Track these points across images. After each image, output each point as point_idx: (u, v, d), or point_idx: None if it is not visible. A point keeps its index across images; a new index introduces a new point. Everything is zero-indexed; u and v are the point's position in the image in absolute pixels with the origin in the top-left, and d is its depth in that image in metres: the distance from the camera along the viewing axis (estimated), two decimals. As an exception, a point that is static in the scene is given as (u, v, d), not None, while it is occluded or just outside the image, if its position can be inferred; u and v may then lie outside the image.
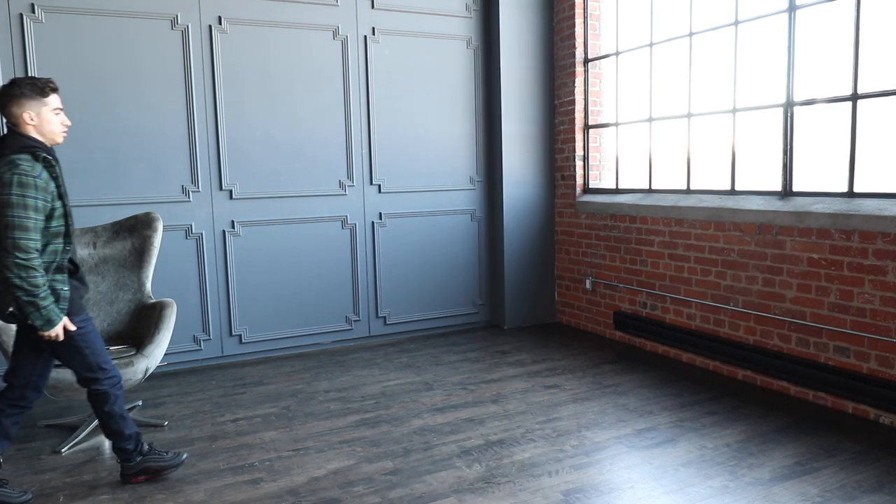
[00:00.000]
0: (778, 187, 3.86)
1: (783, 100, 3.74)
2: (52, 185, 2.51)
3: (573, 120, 5.25)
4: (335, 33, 4.77)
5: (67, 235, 2.57)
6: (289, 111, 4.67)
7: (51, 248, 2.52)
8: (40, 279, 2.44)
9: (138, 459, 2.81)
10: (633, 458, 2.98)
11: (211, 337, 4.58)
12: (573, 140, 5.27)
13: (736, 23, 3.98)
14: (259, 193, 4.63)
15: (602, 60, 5.13)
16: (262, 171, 4.63)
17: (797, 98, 3.70)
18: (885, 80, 3.35)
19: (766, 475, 2.78)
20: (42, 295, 2.45)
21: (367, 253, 5.03)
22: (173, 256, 4.38)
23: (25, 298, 2.43)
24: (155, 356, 3.36)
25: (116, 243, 3.73)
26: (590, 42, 5.17)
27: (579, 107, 5.24)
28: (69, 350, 2.64)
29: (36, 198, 2.42)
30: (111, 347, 3.40)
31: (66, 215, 2.57)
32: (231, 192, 4.54)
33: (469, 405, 3.69)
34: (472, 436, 3.27)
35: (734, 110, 4.03)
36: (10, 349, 3.09)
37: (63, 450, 3.18)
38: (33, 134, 2.55)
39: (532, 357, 4.61)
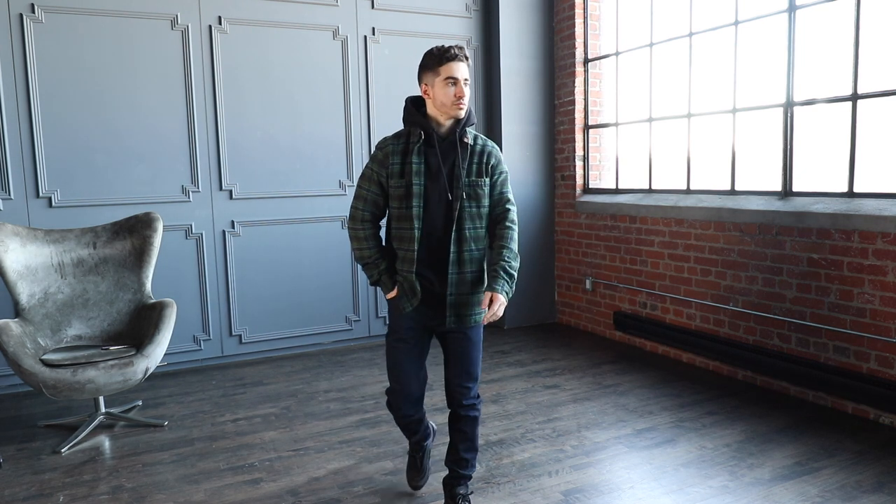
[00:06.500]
0: (778, 187, 3.86)
1: (783, 100, 3.74)
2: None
3: (573, 120, 5.25)
4: (335, 33, 4.77)
5: None
6: (289, 111, 4.67)
7: None
8: None
9: None
10: (633, 458, 2.98)
11: (211, 337, 4.58)
12: (573, 140, 5.27)
13: (736, 23, 3.98)
14: (259, 193, 4.63)
15: (602, 60, 5.13)
16: (262, 171, 4.63)
17: (797, 98, 3.70)
18: (885, 80, 3.35)
19: (766, 475, 2.78)
20: None
21: (367, 253, 5.02)
22: (173, 256, 4.38)
23: None
24: (155, 356, 3.35)
25: (116, 243, 3.73)
26: (590, 42, 5.17)
27: (579, 107, 5.24)
28: None
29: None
30: (111, 348, 3.40)
31: None
32: (231, 192, 4.54)
33: (469, 405, 3.69)
34: (472, 436, 3.26)
35: (734, 110, 4.03)
36: (10, 349, 3.10)
37: (63, 450, 3.17)
38: None
39: (532, 357, 4.61)
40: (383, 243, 2.46)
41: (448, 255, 2.30)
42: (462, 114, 2.29)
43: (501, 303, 2.27)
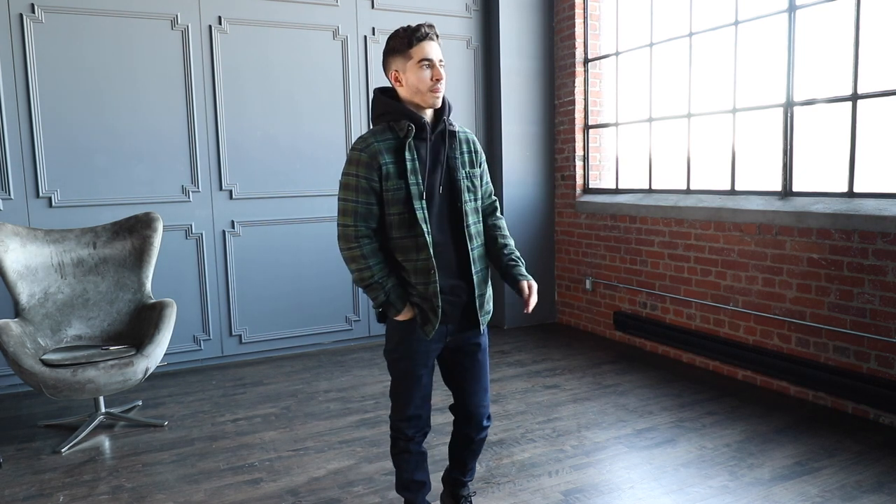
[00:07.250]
0: (778, 187, 3.86)
1: (783, 100, 3.74)
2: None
3: (573, 120, 5.25)
4: (335, 33, 4.77)
5: None
6: (289, 111, 4.67)
7: None
8: None
9: None
10: (633, 458, 2.98)
11: (211, 337, 4.58)
12: (573, 140, 5.27)
13: (736, 23, 3.98)
14: (259, 193, 4.63)
15: (602, 60, 5.13)
16: (262, 171, 4.63)
17: (797, 98, 3.70)
18: (885, 80, 3.35)
19: (766, 475, 2.78)
20: None
21: (367, 253, 5.02)
22: (173, 256, 4.38)
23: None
24: (155, 356, 3.35)
25: (116, 243, 3.73)
26: (590, 42, 5.17)
27: (579, 107, 5.24)
28: None
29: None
30: (111, 348, 3.40)
31: None
32: (231, 192, 4.54)
33: (469, 405, 3.69)
34: (472, 436, 3.26)
35: (734, 110, 4.02)
36: (10, 349, 3.10)
37: (63, 450, 3.17)
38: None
39: (532, 357, 4.61)
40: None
41: (455, 256, 2.10)
42: (439, 102, 2.05)
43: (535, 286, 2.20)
